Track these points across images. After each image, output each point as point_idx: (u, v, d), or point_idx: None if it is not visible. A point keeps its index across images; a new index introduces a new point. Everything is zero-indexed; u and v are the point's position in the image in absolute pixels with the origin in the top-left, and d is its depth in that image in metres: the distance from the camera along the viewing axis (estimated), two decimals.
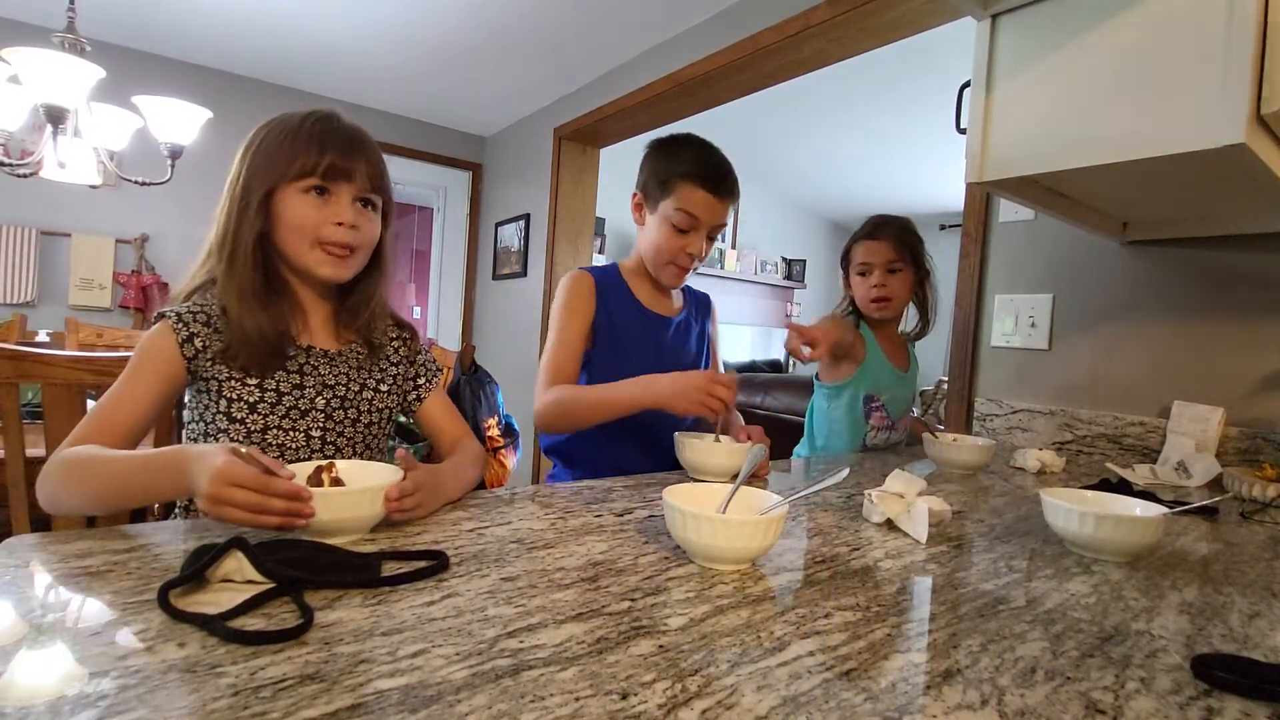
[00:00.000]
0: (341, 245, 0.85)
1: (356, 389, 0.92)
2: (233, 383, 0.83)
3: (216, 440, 0.85)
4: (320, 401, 0.89)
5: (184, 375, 0.82)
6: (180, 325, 0.82)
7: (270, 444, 0.86)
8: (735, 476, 0.92)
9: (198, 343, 0.82)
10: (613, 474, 1.02)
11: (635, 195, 1.25)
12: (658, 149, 1.22)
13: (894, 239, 1.43)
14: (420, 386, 1.02)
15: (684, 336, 1.32)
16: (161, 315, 0.83)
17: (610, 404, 1.09)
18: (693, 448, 0.98)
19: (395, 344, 1.00)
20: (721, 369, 1.42)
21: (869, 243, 1.45)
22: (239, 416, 0.84)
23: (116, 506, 0.72)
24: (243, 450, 0.60)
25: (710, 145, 1.21)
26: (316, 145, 0.83)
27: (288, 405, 0.86)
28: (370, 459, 0.97)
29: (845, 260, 1.51)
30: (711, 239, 1.22)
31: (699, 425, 1.22)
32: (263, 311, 0.83)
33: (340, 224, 0.84)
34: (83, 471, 0.69)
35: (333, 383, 0.90)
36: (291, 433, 0.87)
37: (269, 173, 0.83)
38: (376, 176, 0.88)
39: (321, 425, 0.89)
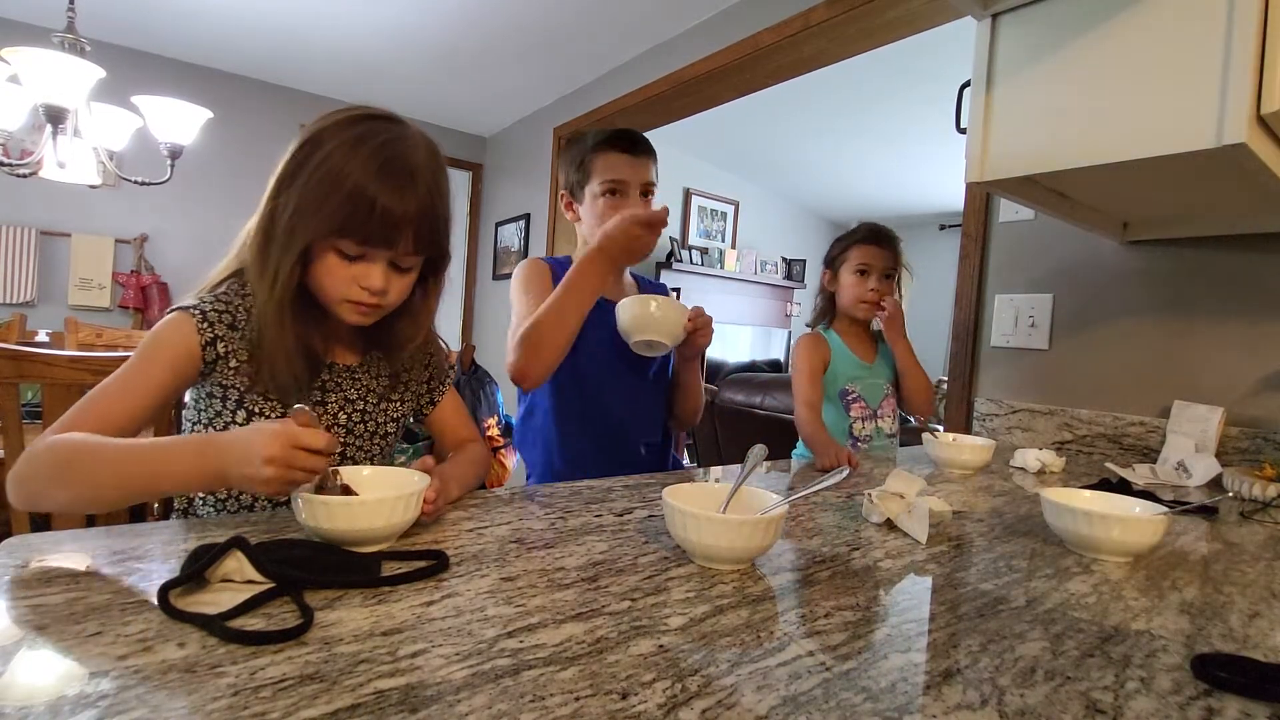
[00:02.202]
0: (365, 305, 0.79)
1: (375, 401, 0.90)
2: (255, 396, 0.79)
3: None
4: (342, 417, 0.86)
5: (196, 375, 0.77)
6: (205, 325, 0.75)
7: None
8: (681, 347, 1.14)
9: (221, 347, 0.76)
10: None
11: (563, 195, 1.27)
12: (566, 145, 1.27)
13: (894, 249, 1.51)
14: (434, 390, 0.99)
15: None
16: (181, 308, 0.76)
17: (559, 294, 1.07)
18: (626, 306, 1.01)
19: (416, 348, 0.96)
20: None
21: (872, 248, 1.50)
22: None
23: (114, 500, 0.67)
24: (305, 410, 0.60)
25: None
26: (364, 201, 0.72)
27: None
28: (379, 463, 0.95)
29: (834, 259, 1.56)
30: (647, 198, 1.21)
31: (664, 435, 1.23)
32: (295, 341, 0.77)
33: (366, 289, 0.77)
34: (76, 459, 0.63)
35: (354, 397, 0.88)
36: None
37: (313, 221, 0.74)
38: (423, 242, 0.78)
39: (342, 440, 0.87)
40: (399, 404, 0.94)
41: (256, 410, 0.80)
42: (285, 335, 0.76)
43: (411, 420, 1.01)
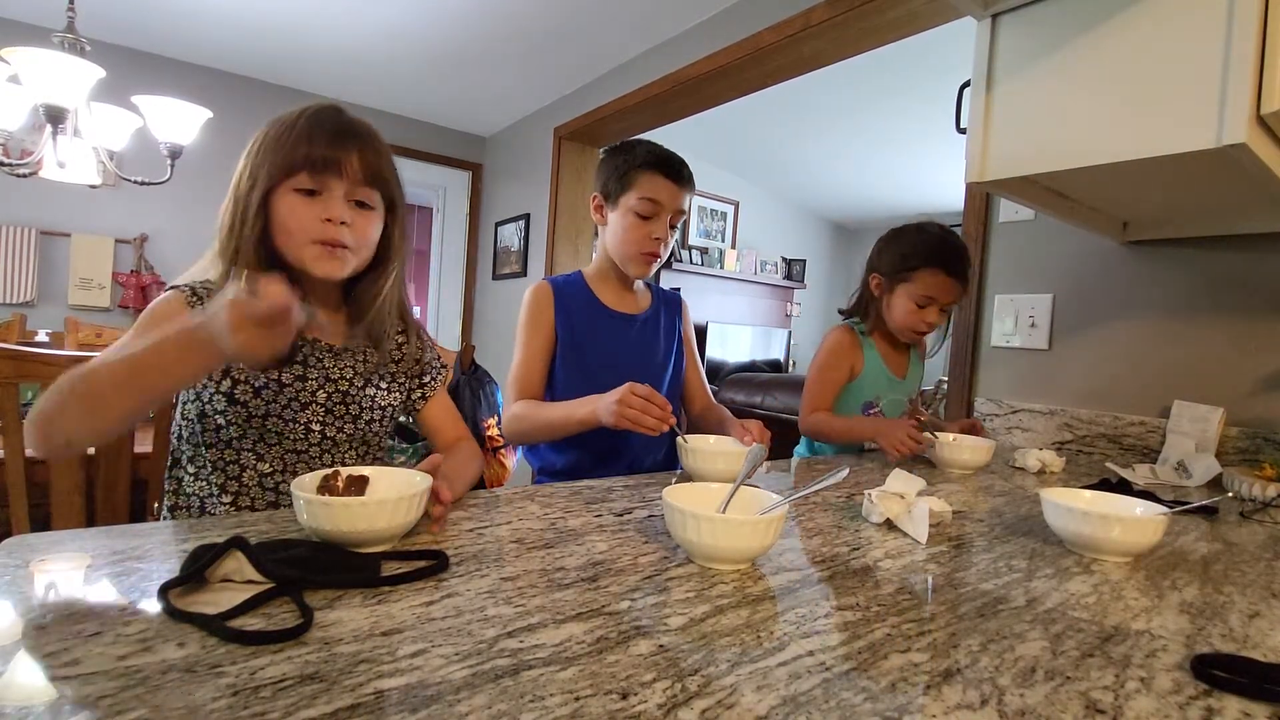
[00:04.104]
0: (333, 241, 0.83)
1: (360, 385, 0.92)
2: (239, 368, 0.83)
3: (213, 420, 0.85)
4: (321, 395, 0.88)
5: None
6: (195, 299, 0.82)
7: (270, 431, 0.86)
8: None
9: None
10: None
11: (595, 197, 1.29)
12: (613, 151, 1.27)
13: (965, 278, 1.33)
14: (425, 385, 1.01)
15: (651, 333, 1.33)
16: (174, 287, 0.83)
17: (559, 423, 1.12)
18: (692, 454, 0.98)
19: (399, 339, 0.99)
20: (702, 370, 1.43)
21: (945, 278, 1.31)
22: (241, 399, 0.84)
23: (131, 409, 0.68)
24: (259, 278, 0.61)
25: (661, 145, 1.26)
26: (305, 140, 0.82)
27: (289, 396, 0.86)
28: (368, 456, 0.96)
29: (894, 274, 1.36)
30: (673, 227, 1.25)
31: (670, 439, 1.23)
32: None
33: (330, 220, 0.82)
34: (88, 380, 0.66)
35: (335, 377, 0.90)
36: (291, 424, 0.87)
37: (265, 172, 0.82)
38: (370, 169, 0.85)
39: (321, 419, 0.89)
40: (385, 391, 0.95)
41: (241, 378, 0.83)
42: None
43: (404, 416, 1.02)
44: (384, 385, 0.95)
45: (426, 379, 1.01)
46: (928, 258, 1.31)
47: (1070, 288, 1.61)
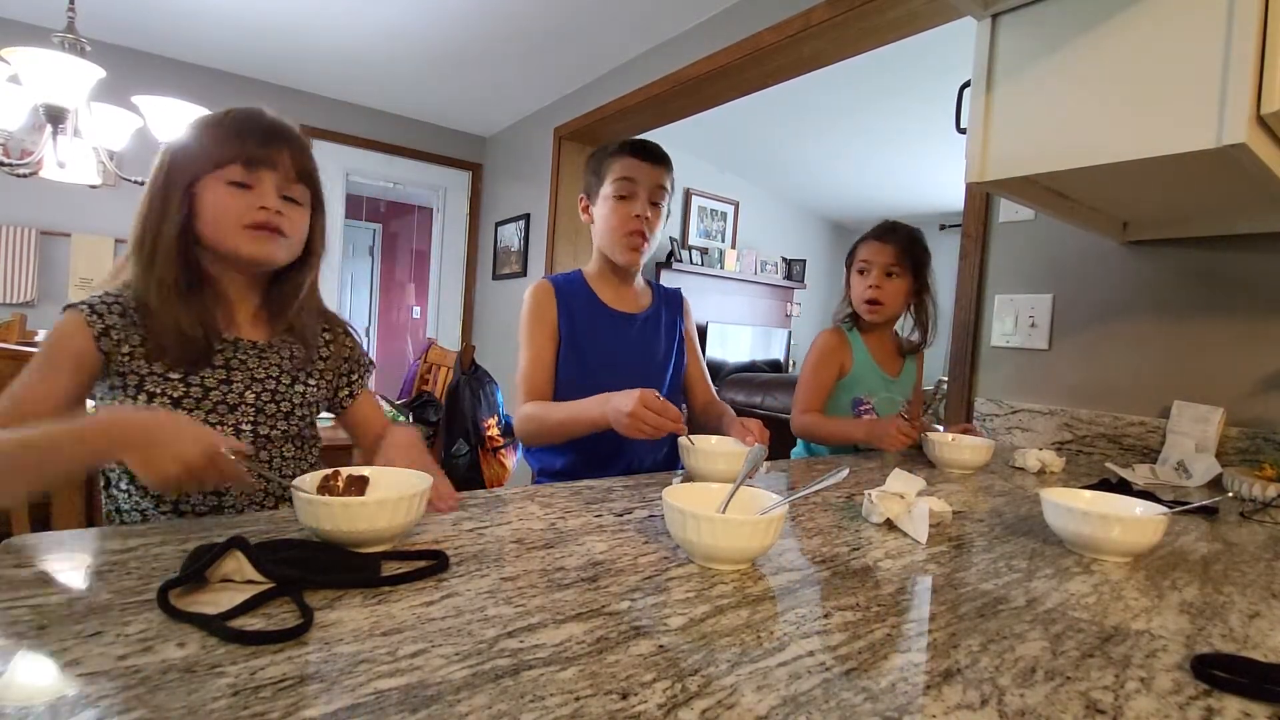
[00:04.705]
0: (269, 225, 0.83)
1: (288, 382, 0.90)
2: (155, 378, 0.80)
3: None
4: (250, 395, 0.86)
5: (99, 370, 0.79)
6: (95, 318, 0.78)
7: None
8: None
9: (114, 335, 0.78)
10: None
11: (581, 199, 1.33)
12: (591, 154, 1.32)
13: (898, 244, 1.45)
14: (354, 383, 1.00)
15: (652, 332, 1.33)
16: (70, 306, 0.79)
17: (571, 424, 1.13)
18: (695, 454, 0.98)
19: (326, 335, 0.97)
20: (704, 366, 1.43)
21: (874, 243, 1.47)
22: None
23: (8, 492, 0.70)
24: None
25: None
26: (235, 136, 0.82)
27: (215, 400, 0.83)
28: (305, 448, 0.95)
29: (849, 258, 1.53)
30: (656, 205, 1.26)
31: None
32: (185, 307, 0.80)
33: (265, 207, 0.82)
34: None
35: (262, 376, 0.88)
36: (220, 427, 0.83)
37: (190, 165, 0.81)
38: (301, 166, 0.86)
39: (252, 419, 0.86)
40: (315, 387, 0.94)
41: (157, 390, 0.80)
42: (170, 308, 0.79)
43: (326, 413, 1.01)
44: (312, 381, 0.94)
45: (355, 376, 1.00)
46: (867, 234, 1.51)
47: (1070, 288, 1.61)
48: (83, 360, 0.77)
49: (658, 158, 1.25)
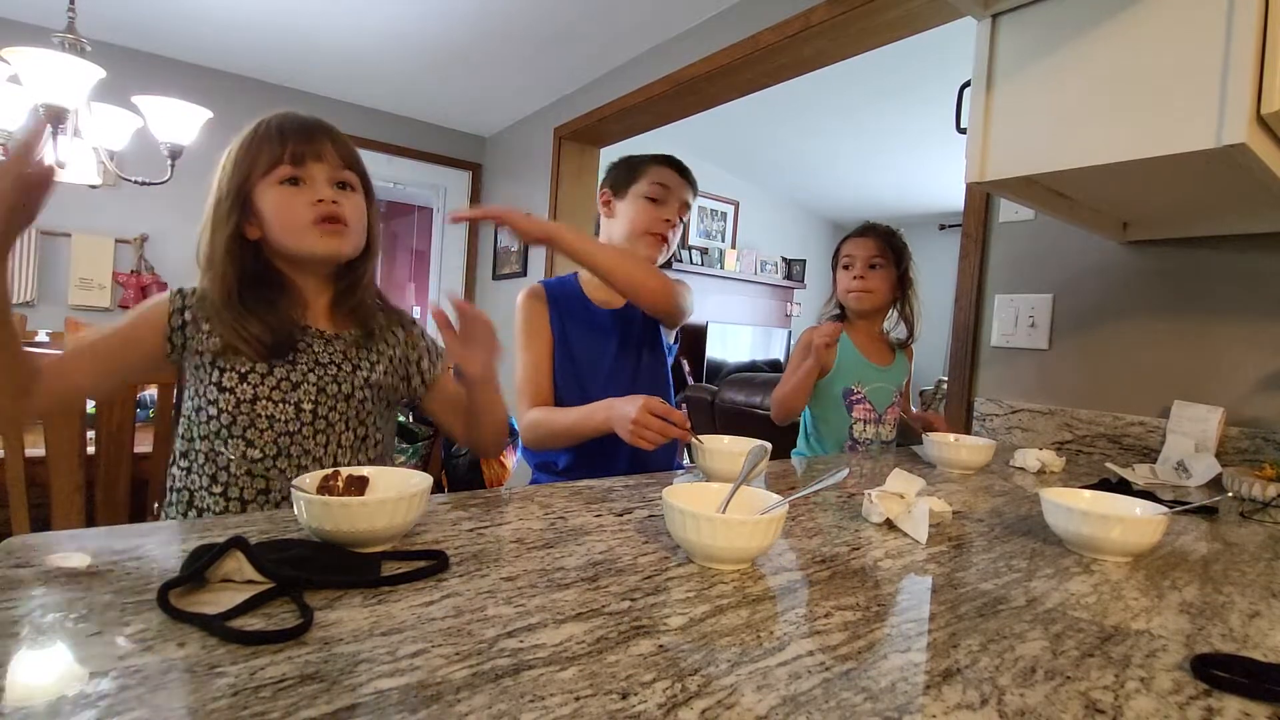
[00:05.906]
0: (332, 216, 0.87)
1: (350, 368, 0.94)
2: (228, 353, 0.86)
3: (206, 410, 0.88)
4: (312, 376, 0.90)
5: (157, 344, 0.86)
6: (178, 296, 0.87)
7: (259, 414, 0.87)
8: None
9: (188, 314, 0.86)
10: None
11: (603, 192, 1.36)
12: (622, 158, 1.37)
13: (879, 239, 1.52)
14: (425, 371, 1.03)
15: (640, 330, 1.34)
16: (174, 291, 0.88)
17: (577, 430, 1.14)
18: (707, 454, 0.98)
19: (399, 332, 1.02)
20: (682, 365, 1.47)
21: (855, 239, 1.55)
22: (229, 385, 0.86)
23: None
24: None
25: None
26: (277, 136, 0.86)
27: (279, 376, 0.88)
28: (367, 440, 0.97)
29: (835, 258, 1.60)
30: (681, 220, 1.33)
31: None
32: (252, 313, 0.86)
33: (322, 200, 0.87)
34: None
35: (325, 360, 0.92)
36: (281, 404, 0.88)
37: (239, 175, 0.86)
38: (347, 154, 0.91)
39: (313, 399, 0.90)
40: (381, 374, 0.97)
41: (228, 366, 0.87)
42: (233, 301, 0.85)
43: (406, 411, 1.04)
44: (379, 368, 0.97)
45: (424, 362, 1.04)
46: (849, 234, 1.58)
47: (1070, 288, 1.61)
48: (151, 319, 0.87)
49: (690, 179, 1.34)
